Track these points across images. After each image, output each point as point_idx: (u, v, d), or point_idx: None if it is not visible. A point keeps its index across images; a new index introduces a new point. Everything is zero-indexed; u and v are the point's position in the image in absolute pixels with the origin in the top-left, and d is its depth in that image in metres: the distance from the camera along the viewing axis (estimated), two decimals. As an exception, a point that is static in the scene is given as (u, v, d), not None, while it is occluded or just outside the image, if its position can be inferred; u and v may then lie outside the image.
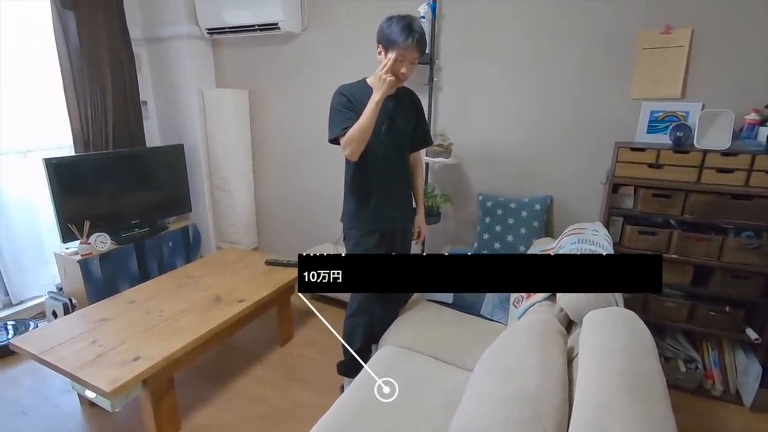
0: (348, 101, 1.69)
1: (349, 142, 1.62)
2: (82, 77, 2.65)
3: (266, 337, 2.49)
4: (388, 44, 1.58)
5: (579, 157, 2.31)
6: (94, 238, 2.57)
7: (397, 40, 1.55)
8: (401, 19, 1.58)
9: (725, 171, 1.82)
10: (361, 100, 1.65)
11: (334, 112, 1.70)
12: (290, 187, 3.19)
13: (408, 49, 1.57)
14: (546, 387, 1.05)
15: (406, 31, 1.54)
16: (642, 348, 1.10)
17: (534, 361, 1.15)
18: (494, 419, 0.95)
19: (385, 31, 1.59)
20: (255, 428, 1.84)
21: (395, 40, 1.55)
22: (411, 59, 1.61)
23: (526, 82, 2.32)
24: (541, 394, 1.02)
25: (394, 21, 1.57)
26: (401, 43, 1.55)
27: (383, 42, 1.61)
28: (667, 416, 0.87)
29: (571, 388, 1.11)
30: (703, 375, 2.03)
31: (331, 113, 1.72)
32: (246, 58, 3.07)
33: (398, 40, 1.55)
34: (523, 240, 2.33)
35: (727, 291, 1.91)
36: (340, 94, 1.71)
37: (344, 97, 1.69)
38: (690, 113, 2.02)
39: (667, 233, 1.95)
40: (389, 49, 1.59)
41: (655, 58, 2.05)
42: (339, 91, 1.73)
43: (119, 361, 1.57)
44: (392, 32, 1.56)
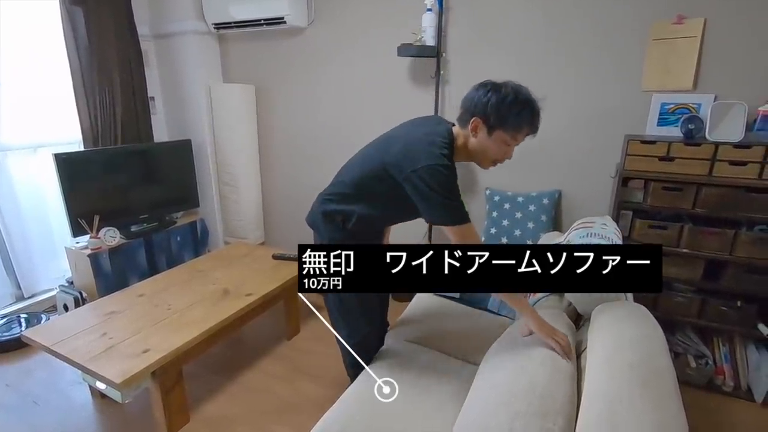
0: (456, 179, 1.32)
1: (470, 241, 1.34)
2: (91, 74, 2.67)
3: (273, 331, 2.51)
4: (500, 123, 1.24)
5: (588, 151, 2.29)
6: (103, 233, 2.60)
7: (517, 122, 1.24)
8: (518, 92, 1.23)
9: (738, 164, 1.79)
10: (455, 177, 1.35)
11: (449, 192, 1.26)
12: (297, 182, 3.20)
13: (524, 134, 1.28)
14: (555, 381, 1.04)
15: (529, 112, 1.23)
16: (653, 343, 1.09)
17: (542, 355, 1.14)
18: (503, 414, 0.94)
19: (496, 105, 1.22)
20: (262, 421, 1.85)
21: (514, 122, 1.23)
22: (520, 142, 1.31)
23: (534, 74, 2.30)
24: (551, 389, 1.01)
25: (510, 95, 1.22)
26: (520, 128, 1.25)
27: (490, 117, 1.24)
28: (678, 410, 0.86)
29: (580, 382, 1.10)
30: (713, 371, 2.00)
31: (446, 191, 1.25)
32: (252, 53, 3.07)
33: (518, 123, 1.24)
34: (531, 234, 2.31)
35: (740, 286, 1.88)
36: (451, 169, 1.27)
37: (455, 175, 1.30)
38: (702, 105, 1.99)
39: (677, 227, 1.92)
40: (498, 128, 1.24)
41: (666, 48, 2.02)
42: (447, 164, 1.25)
43: (129, 353, 1.59)
44: (508, 110, 1.22)
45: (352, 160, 1.50)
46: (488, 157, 1.33)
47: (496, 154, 1.31)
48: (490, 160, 1.34)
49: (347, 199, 1.44)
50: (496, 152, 1.30)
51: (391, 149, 1.34)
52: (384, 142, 1.40)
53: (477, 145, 1.31)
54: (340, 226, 1.46)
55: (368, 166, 1.39)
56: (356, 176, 1.43)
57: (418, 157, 1.24)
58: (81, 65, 2.64)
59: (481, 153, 1.32)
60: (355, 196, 1.42)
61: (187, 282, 2.19)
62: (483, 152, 1.31)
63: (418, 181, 1.24)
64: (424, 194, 1.25)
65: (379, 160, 1.35)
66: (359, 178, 1.42)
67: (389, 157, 1.32)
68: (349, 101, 2.84)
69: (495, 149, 1.29)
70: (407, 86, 2.63)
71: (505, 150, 1.30)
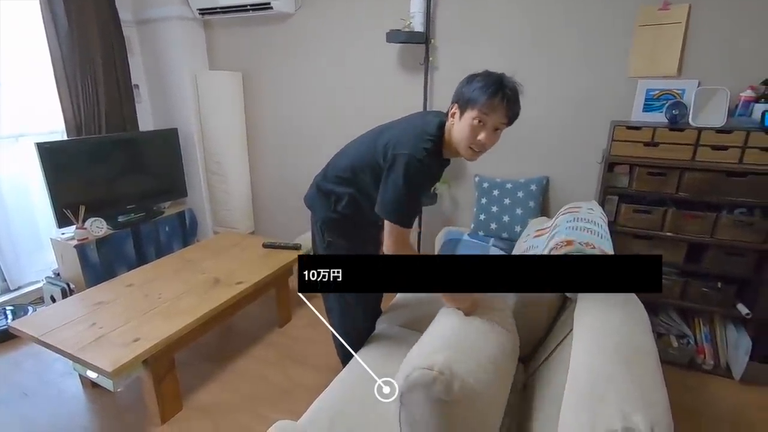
0: (432, 178, 1.40)
1: (401, 247, 1.32)
2: (73, 61, 2.61)
3: (265, 319, 2.52)
4: (467, 102, 1.22)
5: (575, 137, 2.32)
6: (89, 223, 2.57)
7: (479, 96, 1.19)
8: (489, 74, 1.23)
9: (720, 148, 1.83)
10: (435, 174, 1.42)
11: (414, 189, 1.28)
12: (286, 170, 3.18)
13: (491, 109, 1.20)
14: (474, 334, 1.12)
15: (492, 86, 1.19)
16: (636, 323, 1.13)
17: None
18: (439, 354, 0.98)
19: (463, 88, 1.25)
20: (256, 407, 1.87)
21: (476, 96, 1.19)
22: (494, 124, 1.23)
23: (522, 60, 2.31)
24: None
25: (480, 78, 1.23)
26: (483, 101, 1.19)
27: (459, 100, 1.26)
28: (660, 386, 0.89)
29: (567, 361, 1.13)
30: (694, 350, 2.07)
31: (410, 186, 1.26)
32: (239, 39, 3.02)
33: (479, 97, 1.19)
34: (519, 220, 2.34)
35: (720, 267, 1.94)
36: (427, 166, 1.28)
37: (431, 173, 1.34)
38: (686, 91, 2.02)
39: (661, 211, 1.96)
40: (467, 107, 1.23)
41: (652, 35, 2.04)
42: (424, 159, 1.26)
43: (120, 342, 1.59)
44: (473, 88, 1.21)
45: (351, 144, 1.53)
46: (464, 143, 1.26)
47: (470, 137, 1.24)
48: (466, 147, 1.27)
49: (342, 181, 1.47)
50: (470, 135, 1.24)
51: (383, 137, 1.37)
52: (380, 131, 1.43)
53: (455, 131, 1.28)
54: (332, 206, 1.49)
55: (363, 153, 1.42)
56: (351, 161, 1.45)
57: (402, 145, 1.28)
58: (62, 53, 2.58)
59: (457, 139, 1.28)
60: (349, 179, 1.45)
61: (177, 271, 2.18)
62: (459, 137, 1.27)
63: (392, 164, 1.28)
64: (388, 178, 1.28)
65: (372, 148, 1.37)
66: (354, 162, 1.44)
67: (380, 145, 1.34)
68: (338, 88, 2.82)
69: (468, 131, 1.23)
70: (396, 73, 2.62)
71: (477, 131, 1.23)
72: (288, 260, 2.30)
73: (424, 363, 0.91)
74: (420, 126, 1.33)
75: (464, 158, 1.34)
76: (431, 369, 0.89)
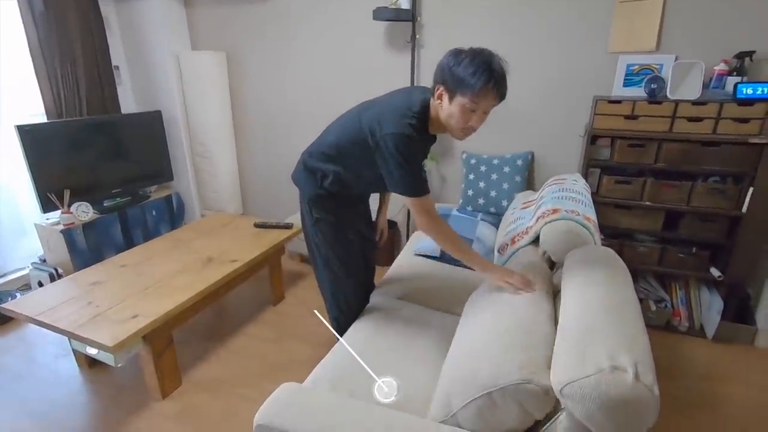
0: (422, 153, 1.40)
1: (432, 218, 1.35)
2: (50, 42, 2.53)
3: (259, 298, 2.55)
4: (457, 87, 1.20)
5: (559, 112, 2.38)
6: (75, 208, 2.53)
7: (471, 83, 1.17)
8: (476, 54, 1.19)
9: (695, 120, 1.91)
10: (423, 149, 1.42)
11: (411, 160, 1.30)
12: (274, 150, 3.17)
13: (484, 96, 1.20)
14: (537, 319, 1.14)
15: (485, 72, 1.17)
16: (618, 277, 1.21)
17: (522, 298, 1.23)
18: (495, 347, 1.03)
19: (452, 68, 1.21)
20: (254, 380, 1.91)
21: (468, 83, 1.18)
22: (485, 108, 1.24)
23: (505, 37, 2.34)
24: (534, 324, 1.11)
25: (466, 58, 1.19)
26: (477, 89, 1.18)
27: (448, 82, 1.22)
28: (641, 330, 0.97)
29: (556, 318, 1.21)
30: (671, 313, 2.19)
31: (407, 159, 1.29)
32: (222, 18, 2.97)
33: (473, 84, 1.17)
34: (506, 194, 2.41)
35: (695, 234, 2.05)
36: (415, 141, 1.29)
37: (419, 147, 1.33)
38: (664, 65, 2.10)
39: (641, 182, 2.05)
40: (457, 92, 1.21)
41: (631, 10, 2.10)
42: (412, 135, 1.28)
43: (118, 319, 1.60)
44: (463, 72, 1.18)
45: (336, 122, 1.53)
46: (455, 125, 1.28)
47: (461, 122, 1.25)
48: (457, 129, 1.29)
49: (327, 158, 1.48)
50: (460, 119, 1.25)
51: (367, 114, 1.37)
52: (364, 108, 1.43)
53: (443, 113, 1.28)
54: (319, 183, 1.51)
55: (348, 130, 1.43)
56: (337, 138, 1.46)
57: (387, 124, 1.29)
58: (38, 33, 2.50)
59: (447, 121, 1.29)
60: (334, 157, 1.47)
61: (170, 251, 2.18)
62: (449, 120, 1.28)
63: (384, 146, 1.29)
64: (387, 161, 1.30)
65: (357, 125, 1.39)
66: (339, 140, 1.45)
67: (365, 123, 1.36)
68: (325, 67, 2.81)
69: (458, 116, 1.24)
70: (383, 51, 2.63)
71: (468, 116, 1.24)
72: (280, 239, 2.32)
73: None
74: (404, 104, 1.33)
75: (453, 137, 1.37)
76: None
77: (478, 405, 0.96)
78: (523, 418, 0.94)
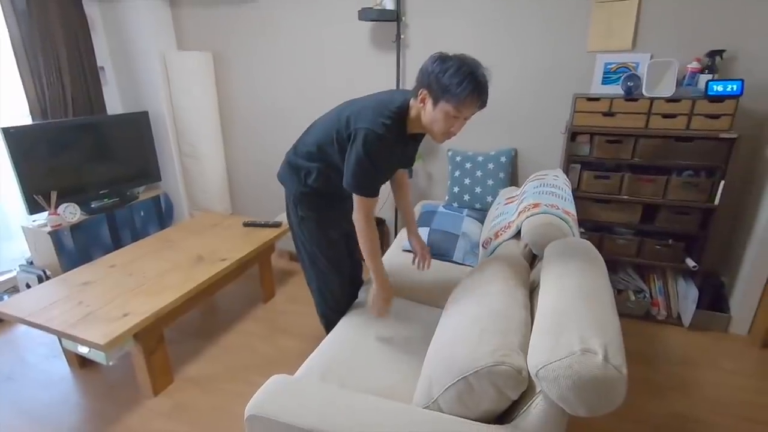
0: (390, 156, 1.39)
1: (365, 218, 1.42)
2: (33, 42, 2.52)
3: (249, 296, 2.57)
4: (442, 94, 1.22)
5: (541, 110, 2.44)
6: (62, 209, 2.53)
7: (457, 93, 1.20)
8: (462, 63, 1.22)
9: (669, 116, 1.99)
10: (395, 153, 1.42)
11: (374, 161, 1.33)
12: (261, 150, 3.19)
13: (468, 105, 1.23)
14: (511, 307, 1.19)
15: (471, 83, 1.19)
16: (594, 268, 1.26)
17: (500, 287, 1.29)
18: (473, 331, 1.08)
19: (437, 75, 1.22)
20: (245, 375, 1.94)
21: (454, 92, 1.20)
22: (467, 115, 1.27)
23: (488, 37, 2.40)
24: (508, 312, 1.16)
25: (452, 66, 1.21)
26: (462, 98, 1.21)
27: (434, 88, 1.24)
28: (613, 314, 1.03)
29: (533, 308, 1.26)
30: (650, 303, 2.27)
31: (370, 158, 1.31)
32: (207, 18, 2.98)
33: (458, 94, 1.20)
34: (490, 191, 2.47)
35: (671, 226, 2.13)
36: (386, 140, 1.31)
37: (391, 147, 1.34)
38: (640, 64, 2.17)
39: (619, 176, 2.12)
40: (441, 99, 1.23)
41: (608, 11, 2.17)
42: (384, 134, 1.30)
43: (109, 318, 1.62)
44: (449, 81, 1.20)
45: (319, 120, 1.57)
46: (436, 130, 1.31)
47: (443, 127, 1.28)
48: (439, 133, 1.31)
49: (310, 156, 1.52)
50: (443, 125, 1.28)
51: (346, 111, 1.41)
52: (346, 106, 1.47)
53: (426, 117, 1.31)
54: (303, 181, 1.54)
55: (328, 128, 1.46)
56: (317, 136, 1.50)
57: (362, 119, 1.33)
58: (21, 33, 2.48)
59: (429, 125, 1.31)
60: (316, 155, 1.50)
61: (159, 251, 2.20)
62: (431, 124, 1.31)
63: (353, 139, 1.33)
64: (350, 153, 1.34)
65: (336, 123, 1.42)
66: (319, 138, 1.49)
67: (343, 119, 1.40)
68: (311, 67, 2.84)
69: (441, 122, 1.27)
70: (369, 51, 2.66)
71: (451, 122, 1.27)
72: (269, 237, 2.35)
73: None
74: (383, 102, 1.36)
75: (433, 141, 1.41)
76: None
77: (457, 389, 1.01)
78: (499, 400, 0.99)
